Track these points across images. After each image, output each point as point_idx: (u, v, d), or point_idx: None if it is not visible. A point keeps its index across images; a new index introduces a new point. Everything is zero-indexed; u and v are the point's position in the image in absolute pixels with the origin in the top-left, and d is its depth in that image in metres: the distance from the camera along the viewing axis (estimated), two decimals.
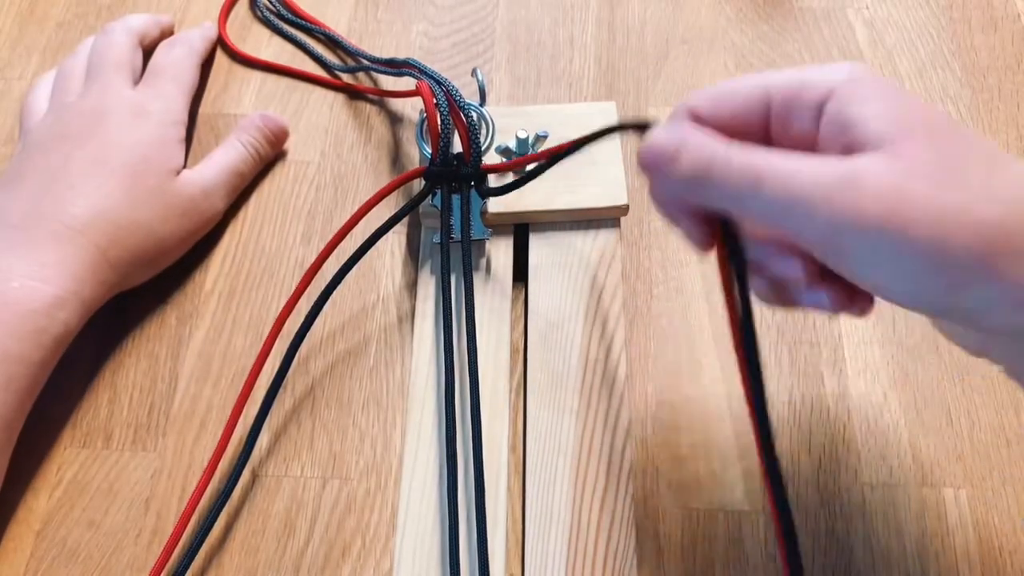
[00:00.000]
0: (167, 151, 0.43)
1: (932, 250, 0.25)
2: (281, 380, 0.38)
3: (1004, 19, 0.53)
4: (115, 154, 0.41)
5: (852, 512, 0.37)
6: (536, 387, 0.38)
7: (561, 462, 0.37)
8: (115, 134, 0.42)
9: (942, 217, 0.24)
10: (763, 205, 0.26)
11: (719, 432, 0.39)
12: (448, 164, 0.40)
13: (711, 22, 0.53)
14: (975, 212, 0.24)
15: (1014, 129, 0.49)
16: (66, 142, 0.41)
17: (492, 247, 0.42)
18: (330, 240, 0.39)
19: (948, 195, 0.25)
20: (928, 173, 0.25)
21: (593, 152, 0.44)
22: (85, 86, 0.45)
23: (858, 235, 0.25)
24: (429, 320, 0.41)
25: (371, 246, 0.39)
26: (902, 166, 0.25)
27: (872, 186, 0.25)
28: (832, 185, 0.25)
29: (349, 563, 0.36)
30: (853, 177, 0.25)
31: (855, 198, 0.25)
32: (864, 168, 0.25)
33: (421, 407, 0.38)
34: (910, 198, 0.24)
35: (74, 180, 0.40)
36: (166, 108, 0.44)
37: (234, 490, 0.36)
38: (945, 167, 0.25)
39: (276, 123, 0.47)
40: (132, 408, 0.40)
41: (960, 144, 0.26)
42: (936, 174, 0.25)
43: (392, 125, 0.49)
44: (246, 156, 0.45)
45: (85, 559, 0.36)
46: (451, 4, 0.54)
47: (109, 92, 0.44)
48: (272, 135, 0.47)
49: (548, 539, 0.35)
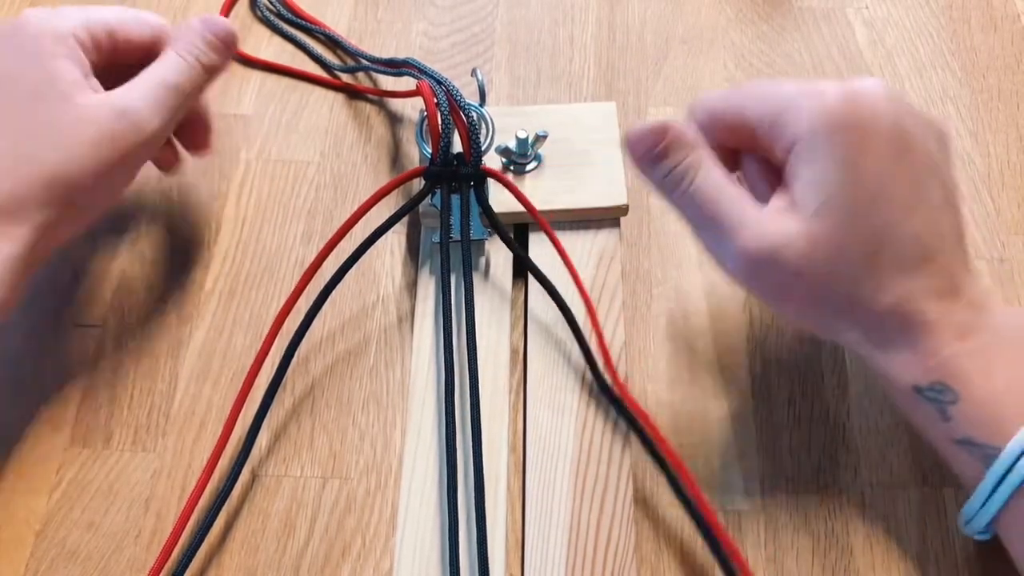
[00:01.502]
0: (44, 66, 0.35)
1: (818, 328, 0.34)
2: (280, 379, 0.38)
3: (1004, 19, 0.53)
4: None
5: (852, 512, 0.37)
6: (536, 387, 0.38)
7: (561, 462, 0.37)
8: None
9: (812, 296, 0.32)
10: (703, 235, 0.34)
11: (719, 432, 0.39)
12: (448, 164, 0.40)
13: (711, 22, 0.53)
14: (833, 296, 0.32)
15: (1014, 129, 0.49)
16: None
17: (492, 247, 0.42)
18: (329, 239, 0.39)
19: (822, 278, 0.31)
20: (820, 257, 0.31)
21: (593, 153, 0.44)
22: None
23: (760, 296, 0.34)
24: (429, 320, 0.41)
25: (371, 245, 0.39)
26: (811, 253, 0.31)
27: (783, 267, 0.32)
28: (753, 255, 0.32)
29: (349, 563, 0.36)
30: (772, 259, 0.32)
31: (769, 272, 0.32)
32: (783, 248, 0.31)
33: (421, 407, 0.38)
34: (809, 285, 0.32)
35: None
36: (45, 19, 0.36)
37: (233, 489, 0.36)
38: (848, 259, 0.31)
39: (218, 25, 0.39)
40: (132, 408, 0.40)
41: (873, 230, 0.31)
42: (837, 264, 0.31)
43: (392, 125, 0.49)
44: (182, 65, 0.37)
45: (85, 559, 0.36)
46: (451, 4, 0.54)
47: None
48: (216, 39, 0.38)
49: (548, 539, 0.35)
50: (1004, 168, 0.47)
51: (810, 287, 0.32)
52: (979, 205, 0.46)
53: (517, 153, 0.43)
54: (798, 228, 0.32)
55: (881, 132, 0.32)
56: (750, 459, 0.38)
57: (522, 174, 0.44)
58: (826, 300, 0.32)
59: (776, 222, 0.32)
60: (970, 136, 0.48)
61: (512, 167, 0.44)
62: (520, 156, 0.43)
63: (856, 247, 0.31)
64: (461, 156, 0.40)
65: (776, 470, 0.38)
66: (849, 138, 0.31)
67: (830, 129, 0.31)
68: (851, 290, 0.32)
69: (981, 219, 0.45)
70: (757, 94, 0.34)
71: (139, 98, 0.36)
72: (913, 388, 0.32)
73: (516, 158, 0.43)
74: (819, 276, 0.32)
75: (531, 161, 0.44)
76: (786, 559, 0.36)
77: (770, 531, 0.37)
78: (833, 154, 0.31)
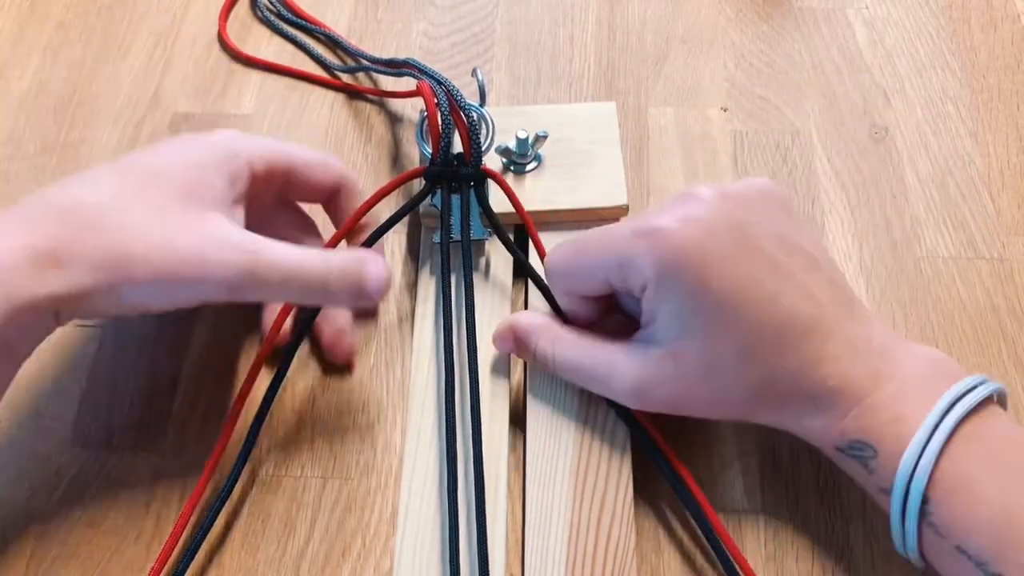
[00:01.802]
0: (201, 174, 0.34)
1: (735, 419, 0.36)
2: (281, 379, 0.38)
3: (1004, 19, 0.53)
4: (136, 159, 0.35)
5: (852, 512, 0.37)
6: (536, 387, 0.38)
7: (561, 462, 0.37)
8: (156, 149, 0.36)
9: (704, 405, 0.34)
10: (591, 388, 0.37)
11: (718, 432, 0.39)
12: (448, 164, 0.40)
13: (711, 22, 0.53)
14: (726, 400, 0.34)
15: (1013, 129, 0.49)
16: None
17: (492, 247, 0.42)
18: (329, 240, 0.39)
19: (707, 390, 0.34)
20: (694, 373, 0.33)
21: (593, 153, 0.44)
22: None
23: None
24: (429, 320, 0.41)
25: (371, 245, 0.39)
26: (676, 370, 0.34)
27: (661, 389, 0.34)
28: (631, 391, 0.35)
29: (349, 563, 0.36)
30: (649, 387, 0.34)
31: (654, 397, 0.35)
32: (654, 375, 0.34)
33: (421, 407, 0.38)
34: (696, 396, 0.34)
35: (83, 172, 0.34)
36: (233, 137, 0.37)
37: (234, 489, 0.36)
38: (709, 365, 0.33)
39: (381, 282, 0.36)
40: (132, 408, 0.40)
41: (742, 332, 0.33)
42: (701, 372, 0.33)
43: (392, 125, 0.49)
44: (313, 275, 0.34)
45: (85, 559, 0.36)
46: (451, 4, 0.54)
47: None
48: (362, 290, 0.35)
49: (548, 539, 0.35)
50: (1004, 168, 0.47)
51: (698, 397, 0.34)
52: (979, 205, 0.46)
53: (517, 153, 0.43)
54: (662, 354, 0.34)
55: (720, 245, 0.33)
56: (750, 459, 0.38)
57: (522, 174, 0.44)
58: (723, 401, 0.34)
59: (641, 355, 0.34)
60: (970, 136, 0.48)
61: (512, 167, 0.44)
62: (520, 156, 0.43)
63: (727, 354, 0.33)
64: (461, 156, 0.40)
65: (776, 470, 0.38)
66: (690, 269, 0.32)
67: (671, 270, 0.33)
68: (742, 387, 0.33)
69: (981, 219, 0.45)
70: (600, 250, 0.35)
71: (245, 249, 0.33)
72: (835, 449, 0.33)
73: (516, 158, 0.43)
74: (697, 386, 0.34)
75: (531, 161, 0.44)
76: (786, 559, 0.36)
77: (770, 531, 0.37)
78: (681, 291, 0.33)
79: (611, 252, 0.34)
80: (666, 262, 0.33)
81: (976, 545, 0.29)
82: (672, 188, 0.46)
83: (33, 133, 0.49)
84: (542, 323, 0.38)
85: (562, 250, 0.37)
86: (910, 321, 0.42)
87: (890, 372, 0.33)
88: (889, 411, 0.32)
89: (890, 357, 0.33)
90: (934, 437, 0.30)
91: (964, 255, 0.44)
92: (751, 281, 0.33)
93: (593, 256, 0.35)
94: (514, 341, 0.38)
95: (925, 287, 0.43)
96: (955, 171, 0.47)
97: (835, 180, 0.47)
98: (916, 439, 0.31)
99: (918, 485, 0.30)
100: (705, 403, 0.34)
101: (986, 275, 0.43)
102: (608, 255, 0.35)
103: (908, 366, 0.33)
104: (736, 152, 0.48)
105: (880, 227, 0.45)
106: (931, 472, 0.30)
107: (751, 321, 0.33)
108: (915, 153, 0.48)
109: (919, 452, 0.30)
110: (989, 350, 0.41)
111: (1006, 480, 0.30)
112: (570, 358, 0.37)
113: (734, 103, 0.50)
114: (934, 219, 0.45)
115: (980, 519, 0.30)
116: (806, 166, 0.47)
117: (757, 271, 0.33)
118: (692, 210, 0.33)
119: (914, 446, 0.31)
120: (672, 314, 0.33)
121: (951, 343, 0.41)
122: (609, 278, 0.35)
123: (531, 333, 0.37)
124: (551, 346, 0.37)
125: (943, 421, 0.31)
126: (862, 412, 0.32)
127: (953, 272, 0.44)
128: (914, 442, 0.31)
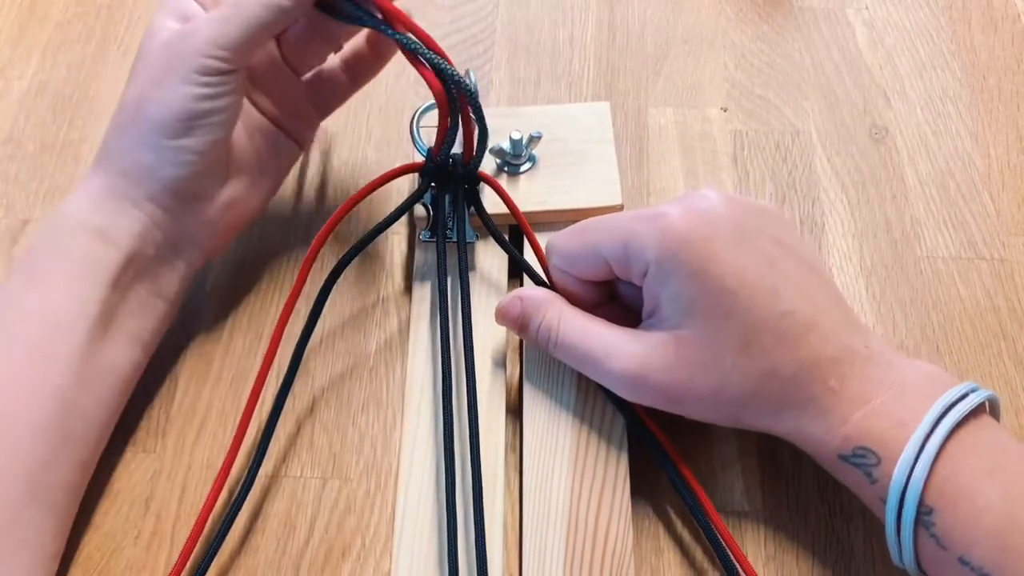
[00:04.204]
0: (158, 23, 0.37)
1: (729, 422, 0.35)
2: (291, 381, 0.38)
3: (1004, 19, 0.53)
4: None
5: (852, 512, 0.37)
6: (533, 386, 0.38)
7: (559, 461, 0.37)
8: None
9: (703, 397, 0.34)
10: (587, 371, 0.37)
11: (718, 431, 0.39)
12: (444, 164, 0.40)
13: (711, 22, 0.53)
14: (726, 392, 0.33)
15: (1014, 129, 0.49)
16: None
17: (487, 248, 0.42)
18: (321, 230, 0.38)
19: (708, 379, 0.33)
20: (695, 360, 0.33)
21: (587, 152, 0.44)
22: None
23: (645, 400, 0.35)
24: (425, 321, 0.41)
25: (369, 243, 0.39)
26: (677, 357, 0.33)
27: (658, 376, 0.34)
28: (630, 376, 0.35)
29: (349, 563, 0.36)
30: (645, 373, 0.34)
31: (648, 385, 0.34)
32: (653, 360, 0.34)
33: (418, 408, 0.38)
34: (680, 386, 0.34)
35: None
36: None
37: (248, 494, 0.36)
38: (711, 351, 0.33)
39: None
40: (132, 408, 0.39)
41: (742, 322, 0.33)
42: (702, 359, 0.33)
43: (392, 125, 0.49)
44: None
45: (85, 559, 0.36)
46: (451, 4, 0.54)
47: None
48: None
49: (546, 538, 0.35)
50: (1004, 168, 0.47)
51: (695, 387, 0.34)
52: (979, 205, 0.46)
53: (511, 154, 0.43)
54: (664, 338, 0.34)
55: (722, 235, 0.33)
56: (750, 459, 0.38)
57: (516, 175, 0.44)
58: (721, 395, 0.34)
59: (643, 340, 0.35)
60: (970, 136, 0.48)
61: (506, 168, 0.44)
62: (514, 157, 0.43)
63: (730, 340, 0.33)
64: (457, 156, 0.40)
65: (776, 470, 0.38)
66: (693, 252, 0.33)
67: (673, 251, 0.33)
68: (742, 379, 0.33)
69: (981, 219, 0.45)
70: (604, 231, 0.36)
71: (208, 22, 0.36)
72: (838, 457, 0.33)
73: (510, 159, 0.43)
74: (698, 375, 0.33)
75: (525, 162, 0.44)
76: (786, 559, 0.36)
77: (770, 531, 0.37)
78: (683, 272, 0.33)
79: (617, 233, 0.35)
80: (668, 244, 0.33)
81: (979, 556, 0.29)
82: (672, 188, 0.47)
83: (33, 133, 0.49)
84: (551, 297, 0.38)
85: (566, 231, 0.38)
86: (910, 321, 0.42)
87: (890, 379, 0.32)
88: (892, 417, 0.32)
89: (888, 364, 0.33)
90: (929, 443, 0.30)
91: (964, 255, 0.44)
92: (753, 271, 0.33)
93: (595, 236, 0.36)
94: (519, 313, 0.38)
95: (925, 287, 0.43)
96: (955, 171, 0.47)
97: (835, 180, 0.47)
98: (910, 445, 0.30)
99: (914, 492, 0.30)
100: (703, 397, 0.34)
101: (986, 275, 0.43)
102: (613, 236, 0.35)
103: (907, 374, 0.33)
104: (736, 152, 0.48)
105: (880, 227, 0.45)
106: (928, 479, 0.30)
107: (753, 310, 0.33)
108: (915, 153, 0.48)
109: (914, 458, 0.30)
110: (989, 350, 0.41)
111: (1009, 490, 0.30)
112: (572, 335, 0.36)
113: (734, 103, 0.50)
114: (934, 219, 0.45)
115: (983, 530, 0.29)
116: (806, 166, 0.47)
117: (758, 263, 0.33)
118: (697, 204, 0.34)
119: (908, 452, 0.30)
120: (673, 299, 0.34)
121: (951, 343, 0.41)
122: (611, 260, 0.35)
123: (540, 304, 0.37)
124: (556, 321, 0.37)
125: (937, 427, 0.31)
126: (865, 417, 0.32)
127: (953, 272, 0.44)
128: (908, 448, 0.30)
